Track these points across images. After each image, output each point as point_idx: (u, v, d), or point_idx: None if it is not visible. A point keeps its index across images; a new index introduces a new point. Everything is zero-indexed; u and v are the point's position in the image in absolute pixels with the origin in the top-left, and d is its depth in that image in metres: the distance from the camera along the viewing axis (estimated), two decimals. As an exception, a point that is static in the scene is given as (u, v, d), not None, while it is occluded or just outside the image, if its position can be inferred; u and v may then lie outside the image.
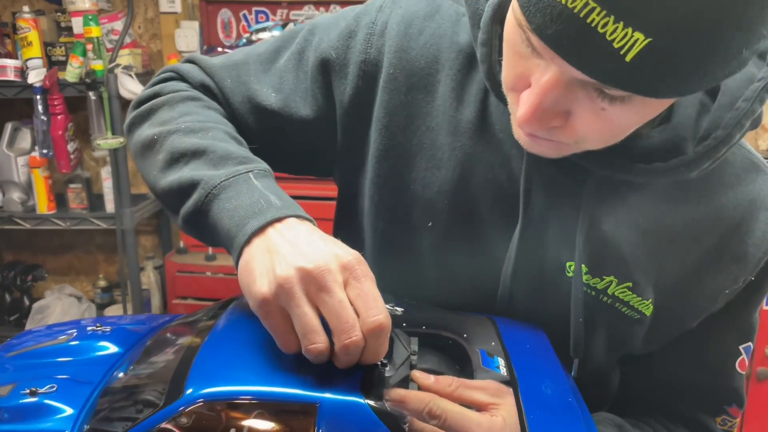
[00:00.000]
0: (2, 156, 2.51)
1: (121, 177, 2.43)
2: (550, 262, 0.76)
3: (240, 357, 0.65)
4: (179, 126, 0.76)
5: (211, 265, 2.54)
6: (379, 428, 0.57)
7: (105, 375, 0.71)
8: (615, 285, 0.74)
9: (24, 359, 0.75)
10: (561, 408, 0.64)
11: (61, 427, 0.63)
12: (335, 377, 0.61)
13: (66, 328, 0.82)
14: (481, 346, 0.71)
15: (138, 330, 0.80)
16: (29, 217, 2.54)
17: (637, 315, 0.75)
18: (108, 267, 3.03)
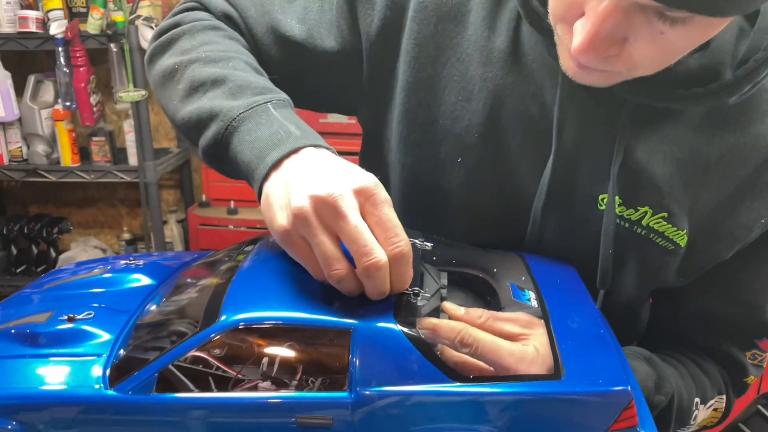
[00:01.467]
0: (26, 109, 2.53)
1: (143, 130, 2.44)
2: (582, 195, 0.75)
3: (273, 287, 0.66)
4: (199, 55, 0.75)
5: (233, 218, 2.56)
6: (412, 353, 0.58)
7: (140, 304, 0.72)
8: (650, 216, 0.73)
9: (60, 290, 0.77)
10: (592, 339, 0.64)
11: (99, 351, 0.65)
12: (368, 306, 0.62)
13: (98, 263, 0.84)
14: (511, 281, 0.72)
15: (170, 264, 0.82)
16: (54, 169, 2.57)
17: (671, 246, 0.74)
18: (131, 221, 3.07)
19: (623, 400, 0.57)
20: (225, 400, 0.60)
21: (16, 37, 2.41)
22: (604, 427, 0.57)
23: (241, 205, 2.61)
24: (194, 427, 0.60)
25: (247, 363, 0.67)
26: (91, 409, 0.60)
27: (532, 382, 0.58)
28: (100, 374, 0.62)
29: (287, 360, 0.67)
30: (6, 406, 0.61)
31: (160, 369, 0.60)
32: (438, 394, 0.57)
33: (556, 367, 0.59)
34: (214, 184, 2.63)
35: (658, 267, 0.77)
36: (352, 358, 0.58)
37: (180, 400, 0.60)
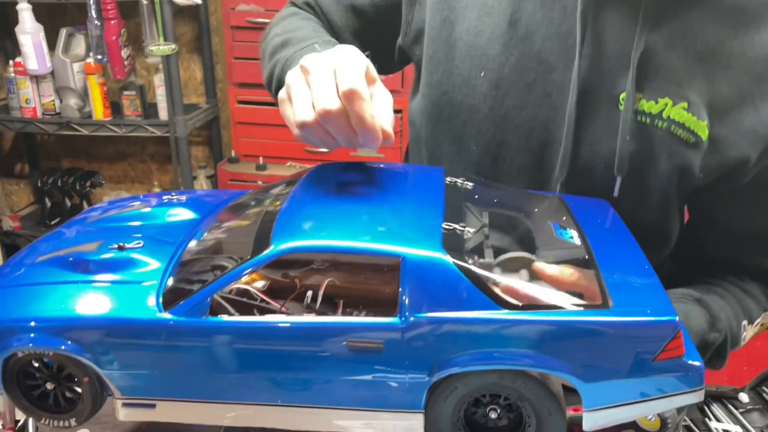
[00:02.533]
0: (58, 62, 2.54)
1: (173, 84, 2.45)
2: (607, 94, 0.76)
3: (321, 216, 0.67)
4: (277, 33, 0.94)
5: (261, 174, 2.57)
6: (461, 282, 0.59)
7: (185, 236, 0.74)
8: (670, 107, 0.74)
9: (105, 223, 0.79)
10: (637, 272, 0.65)
11: (150, 278, 0.66)
12: (417, 236, 0.63)
13: (135, 200, 0.86)
14: (552, 220, 0.72)
15: (211, 201, 0.83)
16: (86, 123, 2.60)
17: (693, 138, 0.75)
18: (161, 176, 3.11)
19: (671, 330, 0.58)
20: (278, 324, 0.61)
21: (48, -10, 2.42)
22: (651, 355, 0.58)
23: (270, 161, 2.62)
24: (247, 350, 0.62)
25: (299, 289, 0.69)
26: (146, 331, 0.62)
27: (582, 311, 0.59)
28: (153, 299, 0.63)
29: (337, 287, 0.68)
30: (62, 328, 0.63)
31: (214, 293, 0.62)
32: (488, 320, 0.59)
33: (604, 298, 0.60)
34: (243, 140, 2.64)
35: (681, 164, 0.76)
36: (402, 286, 0.59)
37: (234, 323, 0.62)
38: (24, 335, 0.63)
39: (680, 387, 0.60)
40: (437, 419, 0.62)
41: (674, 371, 0.59)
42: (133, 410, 0.66)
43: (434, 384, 0.61)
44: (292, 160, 2.61)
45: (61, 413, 0.68)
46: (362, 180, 0.74)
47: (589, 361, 0.58)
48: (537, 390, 0.60)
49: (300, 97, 0.67)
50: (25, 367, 0.66)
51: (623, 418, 0.61)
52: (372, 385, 0.61)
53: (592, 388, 0.59)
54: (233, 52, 2.51)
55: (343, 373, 0.61)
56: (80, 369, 0.64)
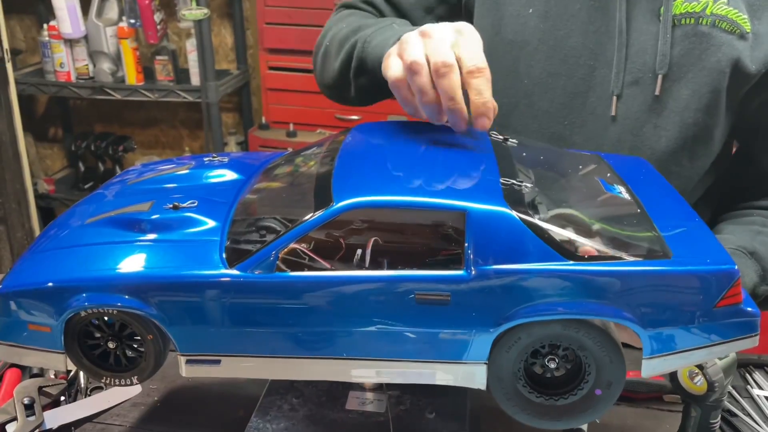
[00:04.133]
0: (92, 26, 2.56)
1: (205, 49, 2.45)
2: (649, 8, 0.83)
3: (378, 171, 0.67)
4: (341, 27, 0.98)
5: (292, 141, 2.58)
6: (525, 234, 0.60)
7: (236, 195, 0.74)
8: (711, 4, 0.81)
9: (149, 184, 0.79)
10: (690, 224, 0.67)
11: (210, 236, 0.67)
12: (478, 191, 0.63)
13: (183, 159, 0.86)
14: (599, 176, 0.72)
15: (253, 162, 0.83)
16: (119, 87, 2.62)
17: (737, 29, 0.80)
18: (192, 142, 3.13)
19: (730, 278, 0.59)
20: (346, 278, 0.62)
21: (82, -47, 2.42)
22: (712, 303, 0.59)
23: (300, 129, 2.62)
24: (317, 305, 0.63)
25: (365, 245, 0.69)
26: (212, 287, 0.63)
27: (644, 261, 0.60)
28: (217, 256, 0.64)
29: (403, 241, 0.69)
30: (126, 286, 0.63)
31: (280, 249, 0.62)
32: (553, 271, 0.59)
33: (663, 249, 0.61)
34: (273, 106, 2.64)
35: (731, 55, 0.81)
36: (468, 239, 0.60)
37: (303, 278, 0.62)
38: (87, 294, 0.64)
39: (737, 333, 0.61)
40: (499, 370, 0.63)
41: (733, 317, 0.60)
42: (197, 367, 0.66)
43: (499, 335, 0.61)
44: (322, 127, 2.61)
45: (123, 372, 0.68)
46: (409, 137, 0.74)
47: (651, 309, 0.59)
48: (599, 338, 0.61)
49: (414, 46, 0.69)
50: (86, 327, 0.67)
51: (679, 365, 0.63)
52: (438, 337, 0.62)
53: (653, 335, 0.60)
54: (264, 18, 2.50)
55: (411, 325, 0.62)
56: (144, 327, 0.65)
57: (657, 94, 0.84)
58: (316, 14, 2.43)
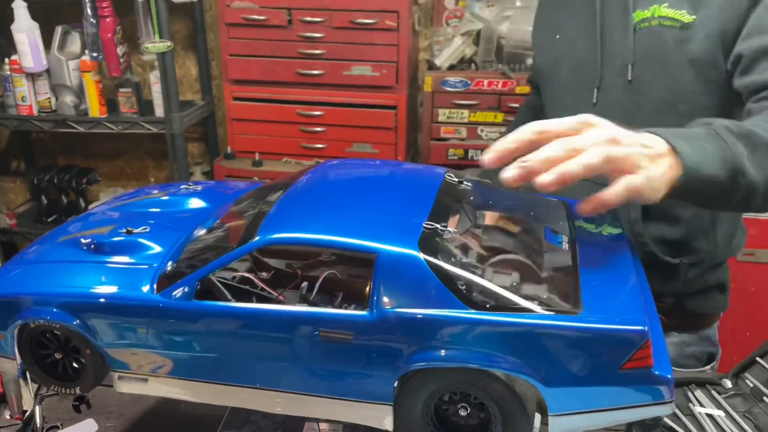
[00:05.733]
0: (54, 59, 2.55)
1: (169, 81, 2.47)
2: (618, 22, 1.07)
3: (311, 211, 0.69)
4: None
5: (257, 170, 2.59)
6: (431, 280, 0.61)
7: (194, 224, 0.77)
8: (656, 9, 1.02)
9: (124, 208, 0.84)
10: (618, 280, 0.66)
11: (149, 261, 0.70)
12: (395, 232, 0.65)
13: (160, 187, 0.90)
14: (547, 224, 0.74)
15: (225, 191, 0.86)
16: (82, 120, 2.61)
17: (677, 23, 1.01)
18: (157, 173, 3.12)
19: (638, 339, 0.57)
20: (255, 311, 0.65)
21: (44, -13, 2.43)
22: (617, 364, 0.57)
23: (266, 158, 2.64)
24: (228, 334, 0.66)
25: (278, 279, 0.72)
26: (138, 311, 0.66)
27: (548, 315, 0.59)
28: (149, 281, 0.67)
29: (315, 278, 0.71)
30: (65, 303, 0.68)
31: (200, 279, 0.65)
32: (454, 319, 0.60)
33: (575, 303, 0.61)
34: (239, 136, 2.66)
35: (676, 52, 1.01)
36: (375, 281, 0.61)
37: (215, 307, 0.65)
38: (34, 308, 0.68)
39: (647, 398, 0.59)
40: (407, 413, 0.64)
41: (641, 382, 0.58)
42: (127, 383, 0.71)
43: (403, 378, 0.62)
44: (288, 156, 2.63)
45: (69, 381, 0.73)
46: (361, 178, 0.77)
47: (553, 365, 0.58)
48: (501, 391, 0.60)
49: None
50: (38, 337, 0.71)
51: (587, 426, 0.61)
52: (342, 375, 0.64)
53: (555, 392, 0.59)
54: (228, 49, 2.52)
55: (315, 361, 0.64)
56: (83, 342, 0.68)
57: (630, 80, 1.06)
58: (279, 45, 2.47)
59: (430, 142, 2.51)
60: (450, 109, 2.45)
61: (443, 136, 2.49)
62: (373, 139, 2.56)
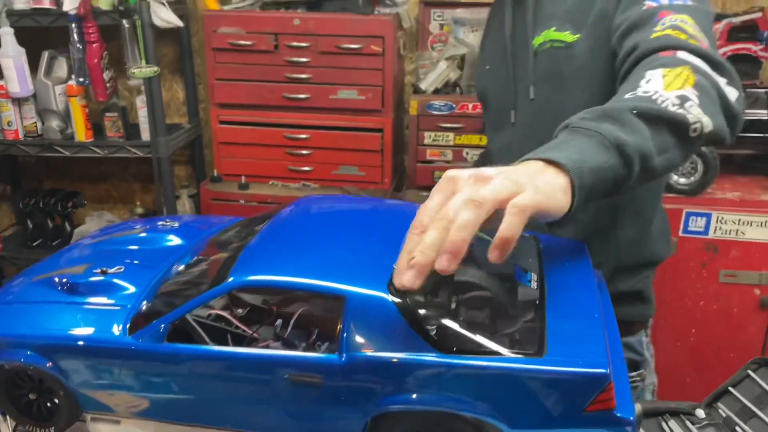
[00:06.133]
0: (40, 84, 2.56)
1: (155, 106, 2.48)
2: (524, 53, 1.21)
3: (283, 251, 0.70)
4: None
5: (244, 193, 2.60)
6: (399, 323, 0.61)
7: (169, 263, 0.77)
8: (547, 34, 1.15)
9: (101, 245, 0.84)
10: (584, 321, 0.66)
11: (123, 302, 0.70)
12: (365, 275, 0.65)
13: (139, 223, 0.91)
14: (516, 261, 0.75)
15: (202, 227, 0.87)
16: (68, 144, 2.62)
17: (562, 43, 1.13)
18: (144, 196, 3.12)
19: (600, 382, 0.58)
20: (225, 353, 0.65)
21: (30, 14, 2.44)
22: (580, 406, 0.58)
23: (252, 180, 2.64)
24: (199, 376, 0.66)
25: (253, 315, 0.72)
26: (111, 353, 0.66)
27: (514, 358, 0.60)
28: (121, 323, 0.67)
29: (290, 314, 0.72)
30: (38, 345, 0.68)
31: (171, 321, 0.66)
32: (421, 363, 0.60)
33: (540, 346, 0.61)
34: (226, 159, 2.67)
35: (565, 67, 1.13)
36: (345, 323, 0.62)
37: (187, 350, 0.66)
38: (8, 350, 0.69)
39: None
40: None
41: (604, 424, 0.59)
42: (101, 425, 0.71)
43: (373, 421, 0.63)
44: (275, 179, 2.64)
45: (44, 421, 0.74)
46: (336, 216, 0.78)
47: (519, 408, 0.59)
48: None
49: None
50: (13, 378, 0.72)
51: None
52: (313, 417, 0.64)
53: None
54: (215, 74, 2.54)
55: (285, 403, 0.64)
56: (56, 383, 0.68)
57: (532, 98, 1.18)
58: (266, 70, 2.49)
59: (416, 164, 2.53)
60: (435, 132, 2.47)
61: (429, 159, 2.51)
62: (360, 161, 2.57)
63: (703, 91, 0.81)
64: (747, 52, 2.40)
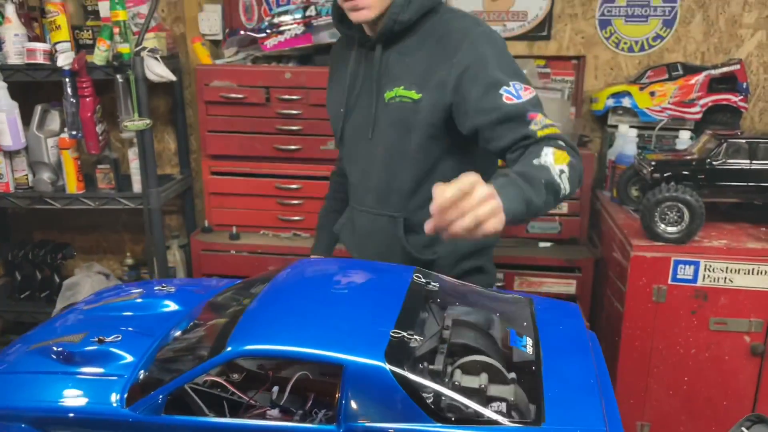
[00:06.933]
0: (32, 137, 2.58)
1: (147, 158, 2.49)
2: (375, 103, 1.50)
3: (280, 320, 0.71)
4: None
5: (235, 243, 2.60)
6: (398, 393, 0.62)
7: (166, 330, 0.78)
8: (397, 90, 1.43)
9: (97, 312, 0.84)
10: (581, 386, 0.67)
11: (121, 372, 0.70)
12: (362, 343, 0.66)
13: (135, 287, 0.91)
14: (512, 326, 0.76)
15: (199, 291, 0.87)
16: (59, 197, 2.62)
17: (410, 100, 1.42)
18: (134, 246, 3.11)
19: None
20: (222, 425, 0.65)
21: (24, 69, 2.47)
22: None
23: (243, 230, 2.65)
24: None
25: (250, 381, 0.72)
26: (107, 425, 0.66)
27: (512, 428, 0.60)
28: (119, 394, 0.67)
29: (287, 379, 0.72)
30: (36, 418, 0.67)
31: (169, 393, 0.65)
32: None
33: (538, 415, 0.62)
34: (216, 209, 2.68)
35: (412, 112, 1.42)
36: (344, 392, 0.62)
37: (184, 421, 0.65)
38: (3, 423, 0.68)
39: None
40: None
41: None
42: None
43: None
44: (266, 228, 2.65)
45: None
46: (330, 281, 0.79)
47: None
48: None
49: None
50: None
51: None
52: None
53: None
54: (207, 126, 2.57)
55: None
56: None
57: (369, 138, 1.50)
58: (257, 122, 2.52)
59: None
60: (425, 181, 2.50)
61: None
62: (350, 211, 2.59)
63: (571, 166, 1.24)
64: (727, 103, 2.47)
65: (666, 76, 2.51)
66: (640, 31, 2.65)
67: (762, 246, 1.96)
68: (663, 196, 1.95)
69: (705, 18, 2.60)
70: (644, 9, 2.63)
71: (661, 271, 1.98)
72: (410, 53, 1.44)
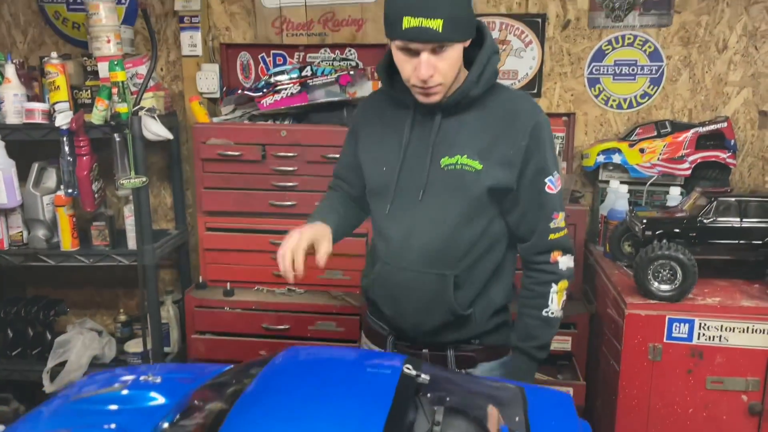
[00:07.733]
0: (28, 195, 2.59)
1: (143, 215, 2.51)
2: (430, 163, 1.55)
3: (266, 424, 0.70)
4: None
5: (229, 300, 2.59)
6: None
7: (150, 426, 0.76)
8: (459, 158, 1.50)
9: (82, 404, 0.83)
10: None
11: None
12: None
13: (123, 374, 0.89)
14: (504, 422, 0.76)
15: (185, 380, 0.86)
16: (53, 253, 2.62)
17: (472, 169, 1.49)
18: (128, 301, 3.09)
19: None
20: None
21: (22, 128, 2.50)
22: None
23: (238, 286, 2.65)
24: None
25: None
26: None
27: None
28: None
29: None
30: None
31: None
32: None
33: None
34: (211, 265, 2.68)
35: (473, 181, 1.49)
36: None
37: None
38: None
39: None
40: None
41: None
42: None
43: None
44: (261, 284, 2.65)
45: None
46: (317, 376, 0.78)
47: None
48: None
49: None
50: None
51: None
52: None
53: None
54: (203, 182, 2.59)
55: None
56: None
57: (419, 199, 1.54)
58: (253, 179, 2.55)
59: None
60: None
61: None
62: (345, 266, 2.59)
63: (566, 293, 1.57)
64: (716, 159, 2.51)
65: (655, 133, 2.56)
66: (628, 89, 2.72)
67: (755, 304, 1.97)
68: (655, 254, 1.96)
69: (691, 76, 2.67)
70: (631, 68, 2.70)
71: (656, 329, 1.98)
72: (471, 123, 1.51)
